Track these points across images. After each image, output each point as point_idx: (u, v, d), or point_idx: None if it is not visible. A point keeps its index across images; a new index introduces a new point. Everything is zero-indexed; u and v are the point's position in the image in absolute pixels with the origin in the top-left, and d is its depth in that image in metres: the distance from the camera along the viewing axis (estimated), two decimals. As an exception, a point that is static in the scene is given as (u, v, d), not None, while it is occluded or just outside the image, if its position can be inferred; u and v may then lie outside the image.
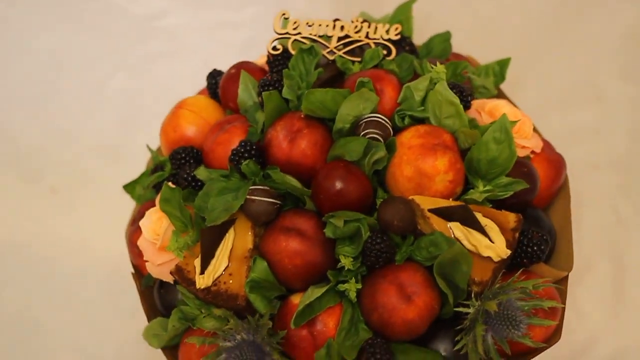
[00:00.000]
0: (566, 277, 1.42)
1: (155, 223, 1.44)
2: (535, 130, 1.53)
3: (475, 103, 1.46)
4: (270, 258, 1.33)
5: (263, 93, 1.38)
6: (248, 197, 1.33)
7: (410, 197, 1.32)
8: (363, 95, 1.36)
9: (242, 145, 1.38)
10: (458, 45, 1.67)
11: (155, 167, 1.57)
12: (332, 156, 1.35)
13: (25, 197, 2.15)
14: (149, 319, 1.49)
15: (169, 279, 1.42)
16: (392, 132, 1.37)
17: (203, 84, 1.68)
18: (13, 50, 2.19)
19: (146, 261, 1.45)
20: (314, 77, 1.45)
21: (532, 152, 1.45)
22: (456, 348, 1.28)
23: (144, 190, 1.57)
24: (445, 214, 1.30)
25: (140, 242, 1.46)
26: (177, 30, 2.05)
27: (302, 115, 1.38)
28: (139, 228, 1.46)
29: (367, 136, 1.34)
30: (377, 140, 1.34)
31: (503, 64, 1.59)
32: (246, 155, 1.37)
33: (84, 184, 1.88)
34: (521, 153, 1.43)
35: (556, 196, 1.51)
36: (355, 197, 1.31)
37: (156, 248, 1.43)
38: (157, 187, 1.54)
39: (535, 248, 1.34)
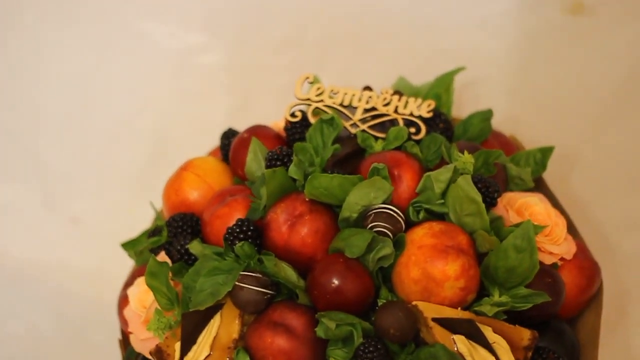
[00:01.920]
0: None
1: (143, 294, 1.36)
2: (572, 230, 1.40)
3: (506, 197, 1.34)
4: (253, 353, 1.22)
5: (266, 170, 1.27)
6: (237, 283, 1.23)
7: (414, 303, 1.20)
8: (375, 183, 1.25)
9: (238, 224, 1.27)
10: (503, 122, 1.54)
11: (154, 230, 1.47)
12: (334, 248, 1.24)
13: (45, 223, 2.10)
14: (127, 394, 1.40)
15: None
16: (403, 227, 1.25)
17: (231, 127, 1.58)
18: (46, 77, 2.14)
19: (130, 333, 1.36)
20: (329, 152, 1.34)
21: (562, 258, 1.31)
22: None
23: (141, 253, 1.47)
24: (450, 325, 1.18)
25: (127, 312, 1.39)
26: (212, 68, 1.97)
27: (307, 199, 1.26)
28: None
29: (375, 229, 1.23)
30: (385, 235, 1.23)
31: (546, 152, 1.46)
32: (241, 236, 1.27)
33: (105, 216, 1.80)
34: (548, 260, 1.30)
35: (587, 306, 1.37)
36: (353, 297, 1.20)
37: (141, 321, 1.34)
38: (154, 252, 1.43)
39: (549, 371, 1.21)
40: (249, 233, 1.27)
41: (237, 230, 1.27)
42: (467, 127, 1.47)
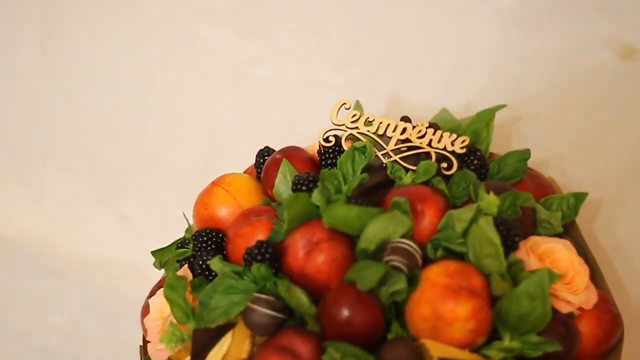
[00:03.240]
0: None
1: (163, 304, 1.37)
2: (597, 279, 1.38)
3: (531, 241, 1.32)
4: (259, 376, 1.21)
5: (287, 195, 1.28)
6: (249, 304, 1.23)
7: (422, 341, 1.19)
8: (394, 217, 1.25)
9: (257, 245, 1.28)
10: (544, 163, 1.53)
11: (182, 242, 1.49)
12: (347, 279, 1.23)
13: (96, 219, 2.17)
14: (143, 401, 1.42)
15: (167, 366, 1.33)
16: (420, 263, 1.24)
17: (278, 141, 1.58)
18: (105, 75, 2.19)
19: (148, 341, 1.38)
20: (356, 181, 1.34)
21: (580, 308, 1.29)
22: None
23: (166, 263, 1.49)
24: (456, 366, 1.16)
25: (147, 320, 1.41)
26: (266, 80, 1.97)
27: (327, 226, 1.26)
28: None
29: (390, 263, 1.22)
30: (400, 270, 1.22)
31: (579, 198, 1.43)
32: (259, 257, 1.27)
33: (154, 217, 1.83)
34: (564, 309, 1.28)
35: (604, 358, 1.34)
36: (363, 329, 1.20)
37: (157, 331, 1.36)
38: (180, 263, 1.45)
39: (551, 423, 1.20)
40: (267, 255, 1.28)
41: (256, 251, 1.28)
42: (502, 166, 1.46)
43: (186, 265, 1.40)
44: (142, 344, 1.48)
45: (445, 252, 1.26)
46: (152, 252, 1.52)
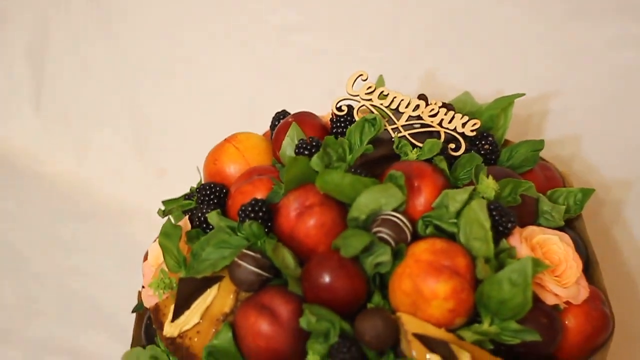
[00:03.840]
0: None
1: (160, 251, 1.38)
2: (593, 276, 1.37)
3: (528, 230, 1.31)
4: (237, 331, 1.24)
5: (287, 157, 1.29)
6: (235, 259, 1.25)
7: (398, 314, 1.20)
8: (388, 190, 1.25)
9: (252, 203, 1.29)
10: (568, 158, 1.51)
11: (190, 194, 1.51)
12: (334, 245, 1.23)
13: (134, 170, 2.22)
14: (133, 343, 1.44)
15: (157, 312, 1.36)
16: (409, 238, 1.24)
17: (307, 108, 1.58)
18: (152, 31, 2.24)
19: (143, 287, 1.40)
20: (360, 151, 1.34)
21: (568, 302, 1.27)
22: None
23: (170, 212, 1.51)
24: (429, 343, 1.17)
25: (144, 266, 1.43)
26: (306, 49, 1.98)
27: (322, 192, 1.26)
28: (152, 250, 1.41)
29: (378, 235, 1.23)
30: (387, 242, 1.22)
31: (586, 194, 1.42)
32: (252, 215, 1.29)
33: (189, 172, 1.85)
34: (550, 300, 1.26)
35: (591, 355, 1.33)
36: (343, 296, 1.21)
37: (151, 277, 1.38)
38: (186, 213, 1.47)
39: (520, 413, 1.19)
40: (260, 214, 1.29)
41: (250, 208, 1.29)
42: (513, 154, 1.44)
43: (187, 217, 1.41)
44: (140, 290, 1.51)
45: (435, 231, 1.26)
46: (162, 202, 1.54)
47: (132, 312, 1.50)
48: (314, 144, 1.34)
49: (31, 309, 2.03)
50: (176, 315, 1.28)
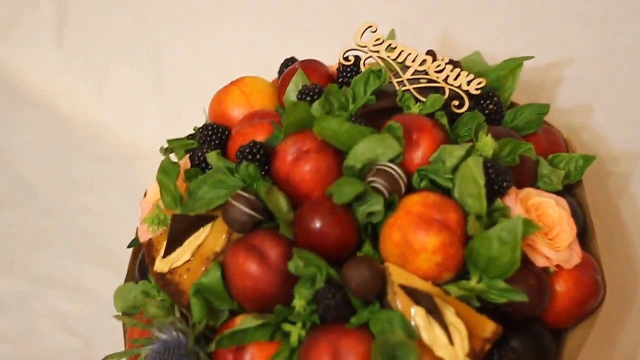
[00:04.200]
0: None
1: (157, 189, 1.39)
2: (588, 244, 1.37)
3: (524, 191, 1.30)
4: (225, 270, 1.25)
5: (286, 102, 1.29)
6: (229, 199, 1.25)
7: (386, 264, 1.20)
8: (385, 140, 1.25)
9: (251, 145, 1.30)
10: (579, 127, 1.51)
11: (193, 134, 1.52)
12: (328, 192, 1.23)
13: (153, 114, 2.24)
14: (127, 278, 1.47)
15: (150, 247, 1.38)
16: (403, 190, 1.24)
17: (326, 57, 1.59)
18: None
19: (140, 223, 1.41)
20: (362, 101, 1.34)
21: (558, 265, 1.27)
22: None
23: (171, 150, 1.53)
24: (414, 295, 1.17)
25: (143, 202, 1.44)
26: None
27: (319, 137, 1.27)
28: (153, 187, 1.43)
29: (371, 184, 1.23)
30: (380, 192, 1.22)
31: (587, 160, 1.41)
32: (250, 157, 1.30)
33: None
34: (540, 262, 1.26)
35: (581, 321, 1.33)
36: (333, 242, 1.21)
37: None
38: (188, 153, 1.48)
39: (502, 370, 1.18)
40: (258, 156, 1.30)
41: (247, 150, 1.30)
42: (517, 116, 1.44)
43: (187, 155, 1.42)
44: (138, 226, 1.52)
45: (430, 184, 1.26)
46: (167, 140, 1.55)
47: (128, 247, 1.51)
48: (316, 90, 1.34)
49: (38, 242, 2.06)
50: (168, 251, 1.28)
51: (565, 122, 1.64)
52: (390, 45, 1.41)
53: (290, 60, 1.55)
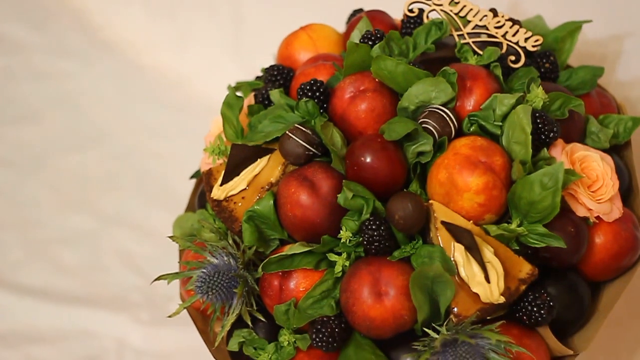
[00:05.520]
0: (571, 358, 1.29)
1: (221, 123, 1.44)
2: (631, 201, 1.40)
3: (571, 145, 1.33)
4: (278, 199, 1.31)
5: (348, 42, 1.34)
6: (287, 132, 1.31)
7: (430, 202, 1.25)
8: (438, 83, 1.29)
9: (311, 82, 1.35)
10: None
11: (261, 76, 1.57)
12: (381, 130, 1.28)
13: (230, 70, 2.27)
14: (187, 208, 1.52)
15: (212, 177, 1.44)
16: (453, 132, 1.28)
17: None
18: None
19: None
20: (420, 50, 1.39)
21: (598, 217, 1.31)
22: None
23: (239, 88, 1.58)
24: (455, 232, 1.22)
25: (206, 137, 1.49)
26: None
27: (375, 77, 1.32)
28: (220, 120, 1.49)
29: (423, 125, 1.27)
30: (430, 133, 1.26)
31: (636, 122, 1.43)
32: (309, 94, 1.35)
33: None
34: (581, 212, 1.30)
35: (618, 276, 1.37)
36: (381, 177, 1.26)
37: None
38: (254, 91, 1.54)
39: (535, 309, 1.23)
40: (317, 94, 1.35)
41: (308, 87, 1.35)
42: (571, 76, 1.47)
43: (252, 93, 1.48)
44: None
45: (479, 130, 1.30)
46: (237, 82, 1.60)
47: (190, 178, 1.57)
48: (378, 35, 1.38)
49: (109, 184, 2.15)
50: (225, 179, 1.34)
51: (624, 96, 1.65)
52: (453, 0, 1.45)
53: (358, 11, 1.60)
